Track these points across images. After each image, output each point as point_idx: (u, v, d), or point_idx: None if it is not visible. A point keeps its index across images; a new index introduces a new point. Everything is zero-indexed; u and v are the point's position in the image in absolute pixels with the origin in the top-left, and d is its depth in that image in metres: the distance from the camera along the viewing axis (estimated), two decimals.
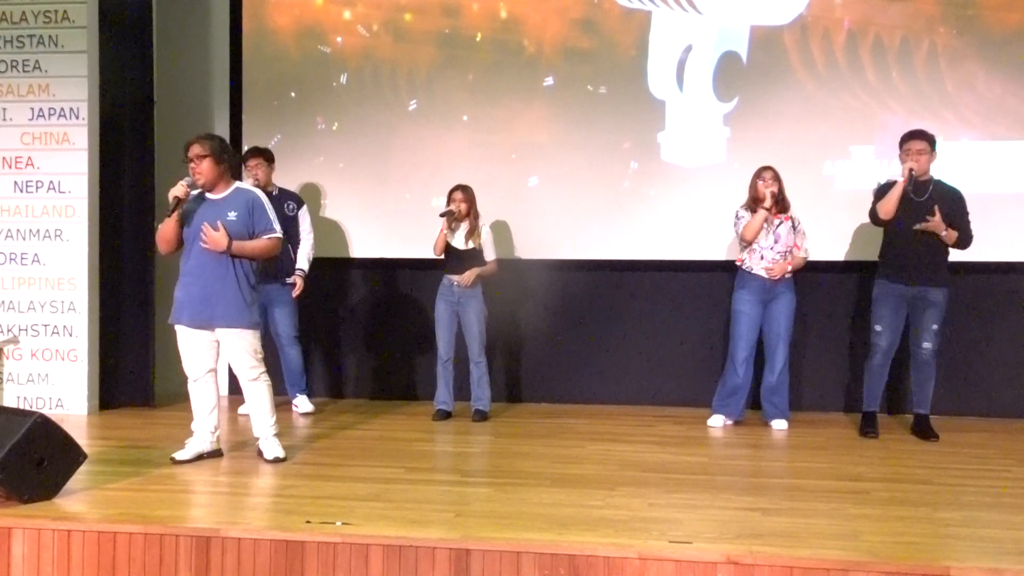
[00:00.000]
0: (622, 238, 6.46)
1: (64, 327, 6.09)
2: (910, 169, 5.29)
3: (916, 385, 5.56)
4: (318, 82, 6.76)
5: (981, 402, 6.12)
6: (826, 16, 6.25)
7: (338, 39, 6.74)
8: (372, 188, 6.74)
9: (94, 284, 6.15)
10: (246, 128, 6.79)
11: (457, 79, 6.62)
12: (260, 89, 6.82)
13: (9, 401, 6.08)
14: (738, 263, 5.81)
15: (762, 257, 5.70)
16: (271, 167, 6.13)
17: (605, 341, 6.54)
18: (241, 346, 4.69)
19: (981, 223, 5.46)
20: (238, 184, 4.82)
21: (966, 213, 5.41)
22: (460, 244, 5.91)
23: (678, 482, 4.40)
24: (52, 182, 6.11)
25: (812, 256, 5.80)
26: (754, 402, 5.96)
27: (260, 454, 4.80)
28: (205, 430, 4.79)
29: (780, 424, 5.73)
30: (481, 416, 5.94)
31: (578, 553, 3.39)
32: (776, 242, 5.70)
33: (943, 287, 5.40)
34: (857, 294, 6.23)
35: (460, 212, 5.86)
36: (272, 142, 6.58)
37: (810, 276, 6.00)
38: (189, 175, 4.65)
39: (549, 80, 6.53)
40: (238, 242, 4.62)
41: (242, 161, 6.15)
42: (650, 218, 6.43)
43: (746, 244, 5.73)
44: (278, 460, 4.74)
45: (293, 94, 6.80)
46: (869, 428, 5.52)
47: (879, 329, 5.48)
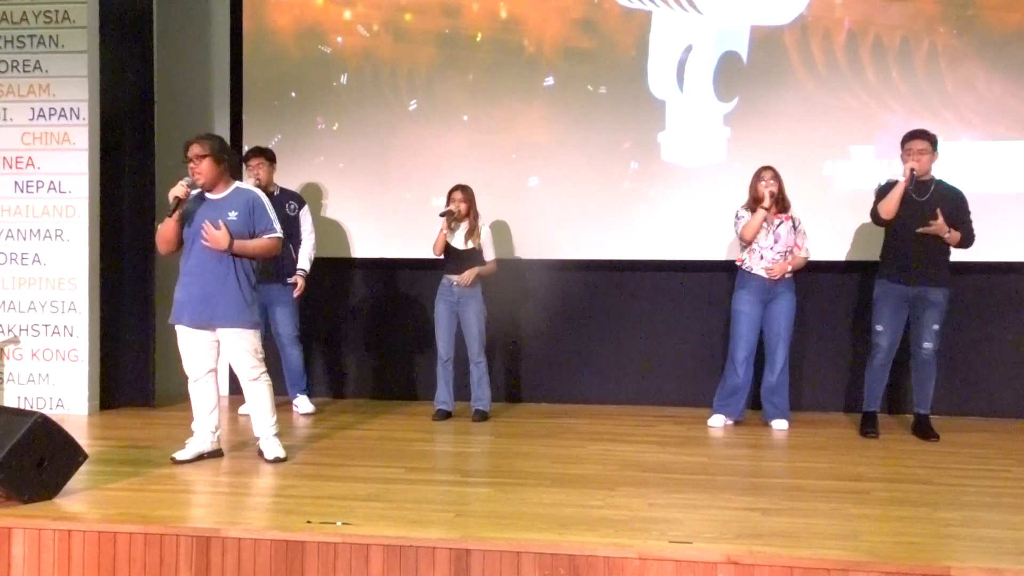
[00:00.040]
0: (622, 238, 6.46)
1: (64, 327, 6.10)
2: (911, 169, 5.29)
3: (916, 385, 5.56)
4: (318, 82, 6.76)
5: (981, 402, 6.12)
6: (826, 16, 6.25)
7: (338, 39, 6.74)
8: (372, 188, 6.74)
9: (94, 284, 6.15)
10: (246, 128, 6.79)
11: (457, 79, 6.62)
12: (260, 89, 6.82)
13: (9, 401, 6.08)
14: (738, 263, 5.81)
15: (762, 257, 5.70)
16: (273, 167, 6.13)
17: (605, 341, 6.54)
18: (242, 346, 4.69)
19: (981, 223, 5.46)
20: (238, 184, 4.82)
21: (968, 213, 5.41)
22: (460, 244, 5.91)
23: (678, 482, 4.40)
24: (52, 182, 6.11)
25: (812, 256, 5.79)
26: (754, 402, 5.96)
27: (260, 454, 4.80)
28: (205, 430, 4.79)
29: (780, 424, 5.73)
30: (481, 416, 5.94)
31: (578, 553, 3.39)
32: (776, 242, 5.70)
33: (944, 287, 5.40)
34: (857, 294, 6.23)
35: (460, 212, 5.86)
36: (272, 142, 6.58)
37: (810, 276, 6.00)
38: (189, 175, 4.65)
39: (549, 80, 6.53)
40: (239, 241, 4.62)
41: (244, 161, 6.16)
42: (650, 218, 6.44)
43: (746, 244, 5.73)
44: (278, 460, 4.75)
45: (293, 94, 6.80)
46: (869, 428, 5.52)
47: (880, 329, 5.48)
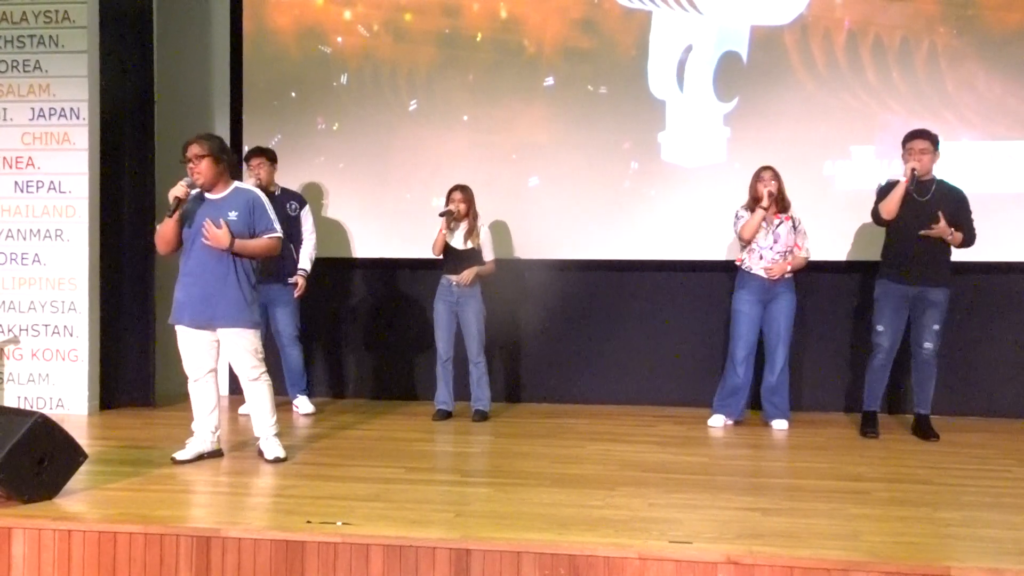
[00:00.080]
0: (622, 238, 6.46)
1: (65, 327, 6.10)
2: (912, 169, 5.28)
3: (917, 385, 5.56)
4: (318, 82, 6.76)
5: (981, 402, 6.12)
6: (826, 16, 6.25)
7: (338, 39, 6.74)
8: (372, 188, 6.74)
9: (94, 284, 6.15)
10: (246, 128, 6.79)
11: (457, 79, 6.62)
12: (260, 89, 6.82)
13: (10, 401, 6.08)
14: (738, 263, 5.81)
15: (761, 257, 5.70)
16: (274, 167, 6.13)
17: (605, 341, 6.53)
18: (242, 345, 4.69)
19: (981, 223, 5.45)
20: (237, 184, 4.82)
21: (969, 213, 5.41)
22: (459, 244, 5.90)
23: (678, 482, 4.40)
24: (52, 182, 6.11)
25: (812, 256, 5.79)
26: (755, 402, 5.95)
27: (260, 454, 4.80)
28: (206, 430, 4.79)
29: (780, 424, 5.73)
30: (481, 416, 5.93)
31: (578, 553, 3.39)
32: (776, 242, 5.69)
33: (945, 287, 5.39)
34: (857, 294, 6.23)
35: (459, 212, 5.86)
36: (272, 142, 6.57)
37: (810, 276, 6.00)
38: (188, 175, 4.65)
39: (549, 80, 6.53)
40: (240, 241, 4.62)
41: (245, 161, 6.16)
42: (650, 218, 6.43)
43: (744, 243, 5.73)
44: (278, 460, 4.74)
45: (293, 94, 6.80)
46: (870, 428, 5.52)
47: (881, 329, 5.48)
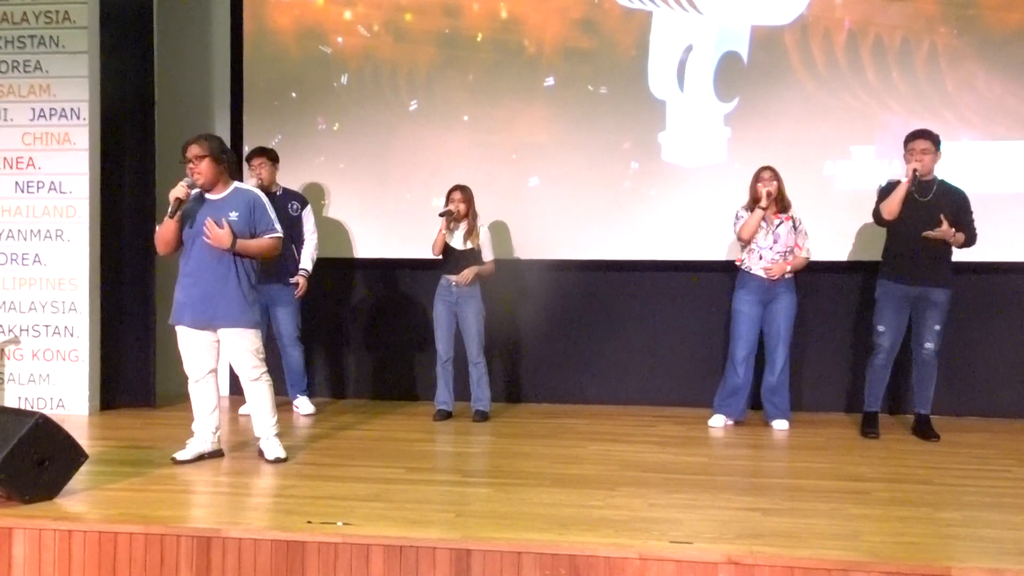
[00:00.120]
0: (622, 238, 6.46)
1: (65, 327, 6.10)
2: (914, 170, 5.28)
3: (917, 385, 5.55)
4: (319, 82, 6.76)
5: (982, 402, 6.12)
6: (827, 16, 6.25)
7: (339, 39, 6.74)
8: (372, 188, 6.74)
9: (95, 284, 6.15)
10: (247, 128, 6.79)
11: (457, 79, 6.62)
12: (261, 89, 6.82)
13: (10, 401, 6.08)
14: (738, 263, 5.81)
15: (761, 257, 5.70)
16: (275, 167, 6.13)
17: (605, 341, 6.54)
18: (243, 346, 4.69)
19: (981, 223, 5.45)
20: (237, 184, 4.82)
21: (970, 213, 5.40)
22: (459, 244, 5.90)
23: (679, 482, 4.40)
24: (53, 182, 6.11)
25: (813, 256, 5.78)
26: (755, 402, 5.95)
27: (261, 454, 4.80)
28: (206, 431, 4.79)
29: (781, 424, 5.73)
30: (481, 416, 5.93)
31: (579, 553, 3.39)
32: (775, 242, 5.69)
33: (946, 287, 5.39)
34: (858, 294, 6.23)
35: (459, 212, 5.86)
36: (273, 142, 6.57)
37: (810, 276, 5.99)
38: (188, 176, 4.65)
39: (549, 80, 6.53)
40: (241, 241, 4.62)
41: (246, 161, 6.16)
42: (650, 218, 6.44)
43: (743, 243, 5.73)
44: (279, 460, 4.74)
45: (294, 94, 6.80)
46: (870, 428, 5.52)
47: (882, 329, 5.47)
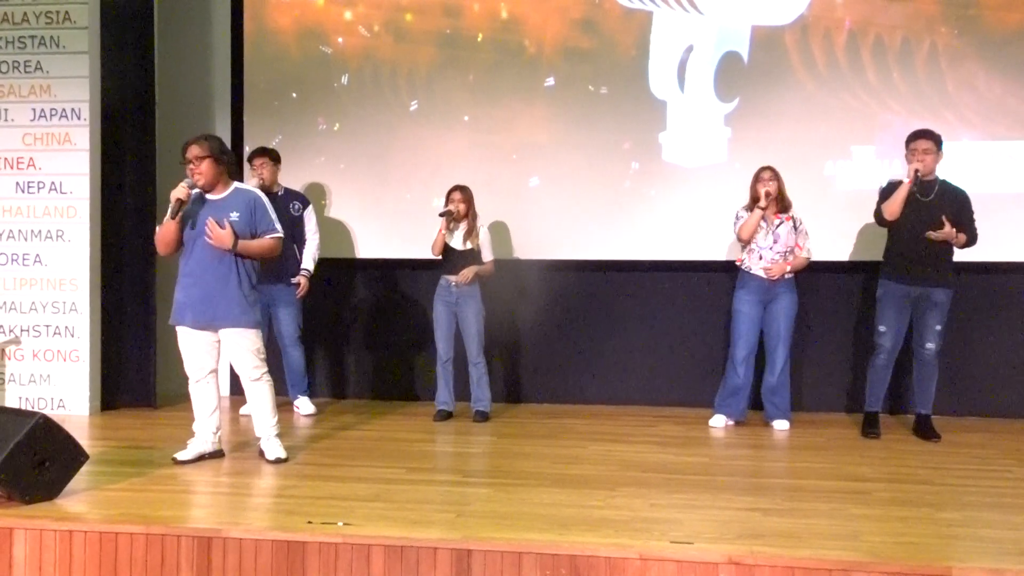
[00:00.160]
0: (623, 238, 6.46)
1: (66, 328, 6.10)
2: (916, 170, 5.28)
3: (918, 385, 5.55)
4: (319, 83, 6.76)
5: (982, 402, 6.12)
6: (827, 16, 6.25)
7: (339, 39, 6.74)
8: (373, 188, 6.74)
9: (96, 284, 6.15)
10: (247, 129, 6.79)
11: (458, 79, 6.62)
12: (261, 90, 6.82)
13: (11, 402, 6.08)
14: (738, 263, 5.81)
15: (760, 257, 5.70)
16: (277, 167, 6.14)
17: (606, 341, 6.54)
18: (244, 346, 4.69)
19: (981, 223, 5.45)
20: (237, 184, 4.82)
21: (972, 213, 5.40)
22: (458, 245, 5.90)
23: (679, 482, 4.40)
24: (53, 183, 6.11)
25: (813, 256, 5.78)
26: (756, 402, 5.95)
27: (261, 454, 4.80)
28: (207, 431, 4.79)
29: (781, 424, 5.73)
30: (482, 417, 5.93)
31: (579, 553, 3.39)
32: (775, 242, 5.69)
33: (947, 287, 5.39)
34: (858, 294, 6.23)
35: (459, 212, 5.86)
36: (273, 143, 6.57)
37: (811, 276, 5.99)
38: (188, 176, 4.65)
39: (550, 80, 6.53)
40: (242, 241, 4.62)
41: (248, 161, 6.17)
42: (651, 218, 6.43)
43: (743, 243, 5.73)
44: (279, 461, 4.74)
45: (294, 95, 6.80)
46: (871, 428, 5.52)
47: (883, 329, 5.47)
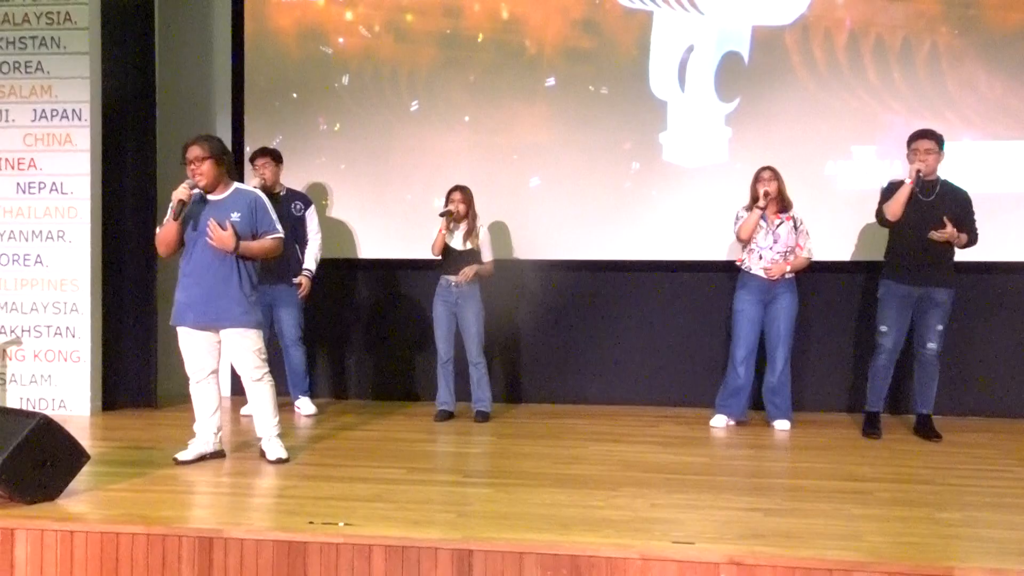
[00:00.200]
0: (623, 238, 6.46)
1: (66, 328, 6.10)
2: (917, 170, 5.27)
3: (919, 385, 5.55)
4: (319, 83, 6.75)
5: (983, 402, 6.12)
6: (827, 16, 6.25)
7: (339, 40, 6.74)
8: (373, 189, 6.74)
9: (96, 285, 6.15)
10: (248, 129, 6.79)
11: (458, 80, 6.62)
12: (261, 90, 6.82)
13: (12, 402, 6.08)
14: (738, 263, 5.81)
15: (761, 257, 5.70)
16: (279, 167, 6.14)
17: (607, 341, 6.54)
18: (245, 346, 4.69)
19: (982, 223, 5.45)
20: (238, 185, 4.82)
21: (973, 213, 5.40)
22: (458, 245, 5.90)
23: (680, 482, 4.40)
24: (54, 183, 6.12)
25: (814, 256, 5.78)
26: (757, 402, 5.95)
27: (262, 455, 4.80)
28: (208, 431, 4.79)
29: (782, 424, 5.73)
30: (483, 417, 5.93)
31: (580, 553, 3.39)
32: (776, 242, 5.69)
33: (948, 287, 5.39)
34: (859, 294, 6.23)
35: (459, 212, 5.86)
36: (273, 143, 6.56)
37: (811, 276, 5.99)
38: (189, 177, 4.65)
39: (550, 80, 6.53)
40: (244, 242, 4.62)
41: (250, 161, 6.17)
42: (651, 218, 6.44)
43: (742, 243, 5.73)
44: (280, 461, 4.74)
45: (294, 95, 6.80)
46: (872, 428, 5.51)
47: (884, 329, 5.47)
